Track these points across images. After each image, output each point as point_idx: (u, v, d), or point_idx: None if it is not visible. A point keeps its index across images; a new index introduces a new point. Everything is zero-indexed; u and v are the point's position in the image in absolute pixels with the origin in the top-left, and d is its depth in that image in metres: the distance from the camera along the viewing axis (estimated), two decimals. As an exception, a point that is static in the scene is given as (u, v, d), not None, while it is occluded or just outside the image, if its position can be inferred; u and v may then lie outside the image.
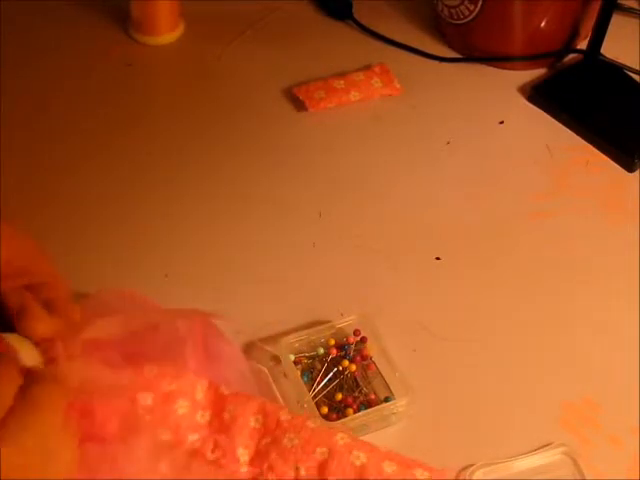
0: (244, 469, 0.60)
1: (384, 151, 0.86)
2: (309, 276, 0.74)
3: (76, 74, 0.92)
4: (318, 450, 0.59)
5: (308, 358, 0.68)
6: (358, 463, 0.59)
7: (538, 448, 0.63)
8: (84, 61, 0.93)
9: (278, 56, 0.95)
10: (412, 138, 0.87)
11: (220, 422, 0.61)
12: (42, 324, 0.52)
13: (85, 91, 0.90)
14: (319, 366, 0.67)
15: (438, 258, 0.76)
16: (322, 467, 0.59)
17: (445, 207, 0.81)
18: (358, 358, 0.67)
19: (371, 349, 0.68)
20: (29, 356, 0.51)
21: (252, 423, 0.61)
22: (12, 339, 0.51)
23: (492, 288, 0.74)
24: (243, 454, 0.60)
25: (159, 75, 0.94)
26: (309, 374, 0.67)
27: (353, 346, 0.68)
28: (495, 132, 0.88)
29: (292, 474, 0.59)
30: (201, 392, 0.61)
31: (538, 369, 0.69)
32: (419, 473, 0.59)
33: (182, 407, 0.60)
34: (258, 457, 0.60)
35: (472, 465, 0.62)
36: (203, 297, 0.71)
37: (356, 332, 0.68)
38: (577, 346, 0.71)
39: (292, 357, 0.67)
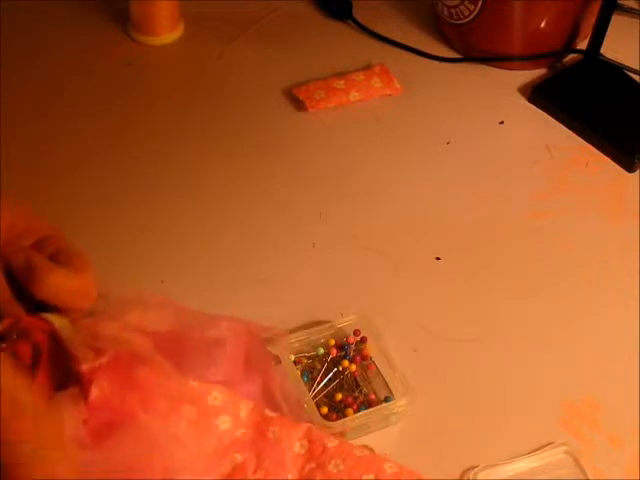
0: None
1: (384, 151, 0.86)
2: (309, 276, 0.74)
3: (76, 74, 0.92)
4: (365, 477, 0.58)
5: (308, 358, 0.68)
6: None
7: (539, 448, 0.63)
8: (84, 61, 0.93)
9: (278, 56, 0.95)
10: (412, 138, 0.87)
11: (264, 442, 0.59)
12: (55, 277, 0.48)
13: (85, 91, 0.90)
14: (319, 366, 0.67)
15: (438, 258, 0.76)
16: None
17: (445, 207, 0.81)
18: (358, 358, 0.67)
19: (371, 349, 0.68)
20: (68, 332, 0.49)
21: (297, 448, 0.59)
22: (53, 316, 0.48)
23: (492, 288, 0.74)
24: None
25: (159, 75, 0.94)
26: (309, 374, 0.67)
27: (353, 346, 0.68)
28: (495, 132, 0.88)
29: None
30: (245, 411, 0.60)
31: (538, 369, 0.69)
32: None
33: (224, 422, 0.59)
34: None
35: (475, 466, 0.62)
36: (203, 297, 0.70)
37: (356, 332, 0.68)
38: (577, 346, 0.71)
39: (292, 357, 0.67)
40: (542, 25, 0.91)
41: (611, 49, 0.92)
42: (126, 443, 0.52)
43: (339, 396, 0.65)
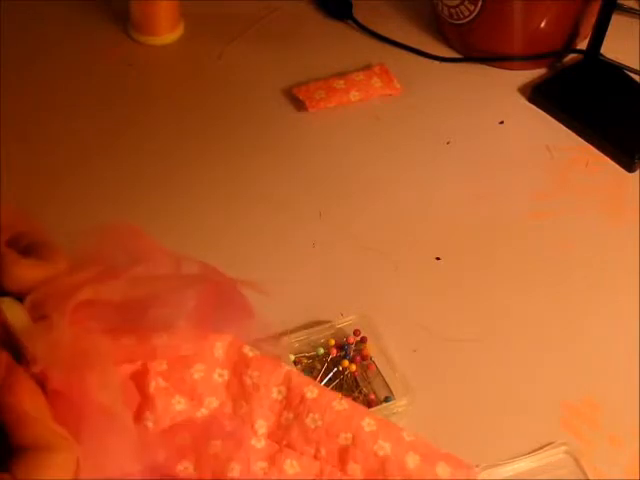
0: (262, 442, 0.58)
1: (384, 151, 0.86)
2: (309, 276, 0.74)
3: (76, 74, 0.92)
4: (342, 435, 0.57)
5: (308, 358, 0.68)
6: (381, 453, 0.58)
7: (539, 448, 0.63)
8: (84, 61, 0.93)
9: (278, 56, 0.95)
10: (412, 138, 0.87)
11: (240, 386, 0.58)
12: (19, 268, 0.47)
13: (85, 91, 0.90)
14: (319, 366, 0.67)
15: (438, 258, 0.76)
16: (343, 452, 0.57)
17: (445, 207, 0.81)
18: (358, 358, 0.67)
19: (371, 349, 0.68)
20: (16, 317, 0.49)
21: (274, 394, 0.58)
22: (6, 305, 0.47)
23: (492, 288, 0.74)
24: (262, 426, 0.57)
25: (159, 75, 0.94)
26: (309, 374, 0.67)
27: (353, 346, 0.68)
28: (495, 132, 0.88)
29: (312, 453, 0.58)
30: (221, 349, 0.58)
31: (538, 369, 0.69)
32: (441, 469, 0.58)
33: (198, 371, 0.57)
34: (278, 431, 0.58)
35: (476, 466, 0.62)
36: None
37: (356, 332, 0.68)
38: (577, 346, 0.71)
39: (292, 357, 0.67)
40: (542, 25, 0.91)
41: (611, 49, 0.92)
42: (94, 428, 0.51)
43: (339, 396, 0.65)
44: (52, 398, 0.49)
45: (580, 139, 0.87)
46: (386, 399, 0.65)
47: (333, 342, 0.68)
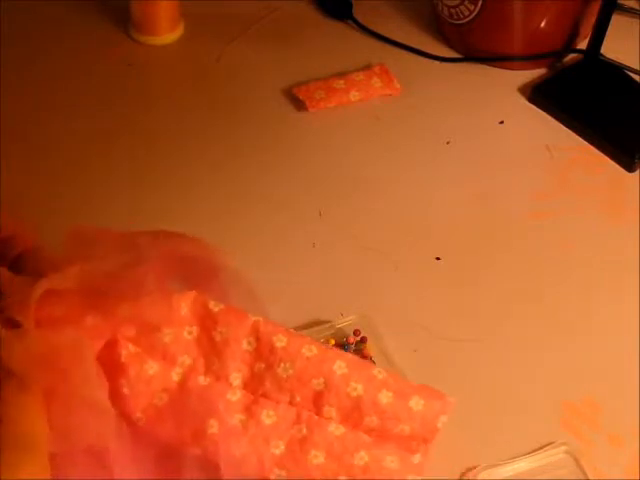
0: (237, 395, 0.58)
1: (384, 151, 0.86)
2: (309, 276, 0.74)
3: (76, 74, 0.92)
4: (314, 381, 0.58)
5: (308, 358, 0.68)
6: (354, 394, 0.57)
7: (539, 448, 0.63)
8: (84, 61, 0.93)
9: (278, 56, 0.95)
10: (412, 138, 0.87)
11: (210, 343, 0.58)
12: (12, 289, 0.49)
13: (85, 91, 0.90)
14: (319, 366, 0.67)
15: (438, 258, 0.76)
16: (317, 397, 0.58)
17: (445, 207, 0.81)
18: (358, 358, 0.67)
19: (371, 349, 0.68)
20: None
21: (244, 346, 0.58)
22: None
23: (492, 288, 0.74)
24: (236, 378, 0.58)
25: (159, 75, 0.94)
26: (309, 374, 0.67)
27: (353, 346, 0.68)
28: (495, 132, 0.88)
29: (287, 401, 0.58)
30: (185, 307, 0.58)
31: (538, 369, 0.69)
32: (414, 402, 0.58)
33: (167, 334, 0.57)
34: (252, 382, 0.58)
35: (475, 466, 0.62)
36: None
37: (356, 332, 0.68)
38: (577, 346, 0.71)
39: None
40: (542, 25, 0.91)
41: (611, 49, 0.92)
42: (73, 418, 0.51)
43: (339, 396, 0.65)
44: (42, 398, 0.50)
45: (580, 139, 0.87)
46: (386, 399, 0.65)
47: (333, 342, 0.68)
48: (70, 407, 0.50)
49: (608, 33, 0.89)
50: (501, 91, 0.92)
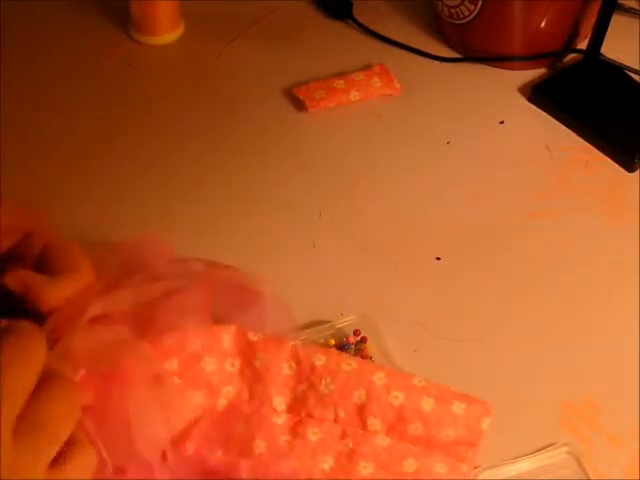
0: (282, 418, 0.59)
1: (384, 151, 0.86)
2: (309, 276, 0.74)
3: (76, 74, 0.92)
4: (355, 394, 0.59)
5: (308, 358, 0.68)
6: (396, 403, 0.59)
7: (541, 448, 0.63)
8: (84, 61, 0.93)
9: (278, 56, 0.95)
10: (412, 138, 0.87)
11: (252, 371, 0.60)
12: (48, 292, 0.49)
13: (85, 91, 0.90)
14: (319, 366, 0.67)
15: (438, 258, 0.76)
16: (361, 410, 0.59)
17: (445, 207, 0.81)
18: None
19: (371, 349, 0.68)
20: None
21: (285, 370, 0.60)
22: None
23: (492, 288, 0.74)
24: (280, 403, 0.59)
25: (159, 75, 0.94)
26: (309, 374, 0.67)
27: (353, 346, 0.68)
28: (495, 132, 0.88)
29: (331, 417, 0.59)
30: (227, 340, 0.60)
31: (538, 369, 0.69)
32: (456, 407, 0.60)
33: (209, 364, 0.59)
34: (296, 405, 0.59)
35: (477, 467, 0.62)
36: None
37: (356, 332, 0.68)
38: (577, 346, 0.71)
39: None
40: (542, 25, 0.91)
41: (611, 49, 0.92)
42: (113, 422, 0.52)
43: (339, 396, 0.65)
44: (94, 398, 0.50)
45: (580, 139, 0.87)
46: (386, 399, 0.65)
47: (333, 342, 0.68)
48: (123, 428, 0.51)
49: (608, 33, 0.89)
50: (501, 91, 0.92)
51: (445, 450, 0.59)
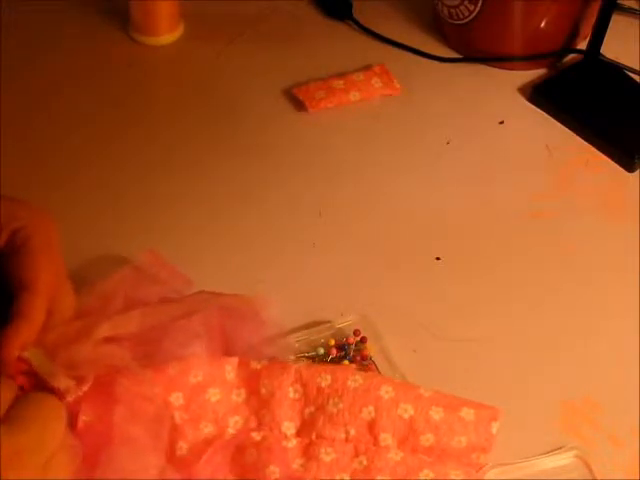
0: (293, 442, 0.59)
1: (384, 151, 0.86)
2: (309, 276, 0.74)
3: (76, 74, 0.92)
4: (364, 410, 0.59)
5: (308, 358, 0.68)
6: (406, 416, 0.59)
7: (546, 450, 0.63)
8: (84, 61, 0.93)
9: (278, 56, 0.95)
10: (412, 138, 0.87)
11: (258, 399, 0.60)
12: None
13: (85, 91, 0.90)
14: (319, 366, 0.67)
15: (438, 258, 0.76)
16: (371, 426, 0.59)
17: (445, 207, 0.81)
18: (358, 358, 0.67)
19: (371, 349, 0.68)
20: (41, 363, 0.51)
21: (291, 394, 0.60)
22: (30, 354, 0.51)
23: (492, 288, 0.74)
24: (289, 427, 0.60)
25: (159, 75, 0.94)
26: (309, 374, 0.67)
27: (353, 346, 0.68)
28: (495, 132, 0.88)
29: (343, 437, 0.59)
30: (231, 372, 0.60)
31: (538, 369, 0.69)
32: (465, 413, 0.60)
33: (214, 395, 0.59)
34: (305, 427, 0.60)
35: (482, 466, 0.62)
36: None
37: (356, 332, 0.68)
38: (577, 346, 0.71)
39: (292, 357, 0.67)
40: (542, 25, 0.91)
41: (611, 49, 0.92)
42: (119, 454, 0.52)
43: (339, 396, 0.65)
44: (82, 429, 0.51)
45: (580, 139, 0.87)
46: (386, 399, 0.65)
47: (333, 342, 0.68)
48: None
49: (608, 33, 0.89)
50: (501, 91, 0.92)
51: (458, 457, 0.60)
